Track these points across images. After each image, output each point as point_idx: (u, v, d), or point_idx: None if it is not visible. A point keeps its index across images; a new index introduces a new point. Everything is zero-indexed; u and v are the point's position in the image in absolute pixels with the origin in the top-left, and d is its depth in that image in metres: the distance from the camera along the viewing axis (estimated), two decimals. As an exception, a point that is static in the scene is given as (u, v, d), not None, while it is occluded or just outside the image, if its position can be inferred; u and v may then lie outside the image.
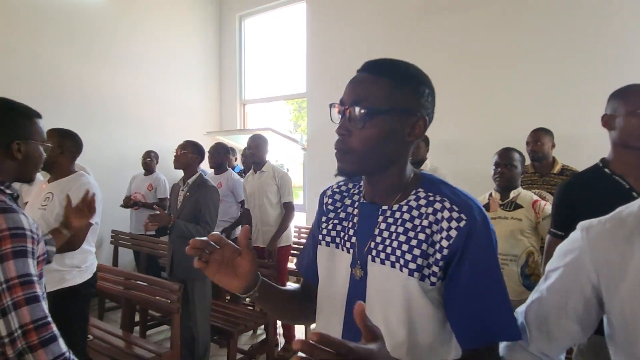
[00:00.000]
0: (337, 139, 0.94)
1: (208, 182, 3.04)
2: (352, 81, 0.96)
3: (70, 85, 4.78)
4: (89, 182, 2.32)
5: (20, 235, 1.13)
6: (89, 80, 4.97)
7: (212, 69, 6.31)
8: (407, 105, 0.92)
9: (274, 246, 3.46)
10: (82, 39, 4.93)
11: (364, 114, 0.90)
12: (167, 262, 3.07)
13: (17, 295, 1.09)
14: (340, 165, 0.94)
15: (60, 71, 4.71)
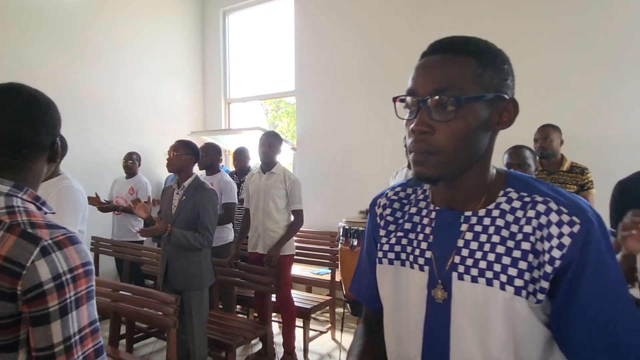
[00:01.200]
0: (413, 140, 0.77)
1: (205, 185, 2.84)
2: (424, 66, 0.79)
3: (43, 83, 4.33)
4: (71, 186, 2.09)
5: (91, 272, 0.91)
6: (64, 77, 4.65)
7: (195, 67, 6.05)
8: (496, 88, 0.77)
9: (276, 252, 3.24)
10: (56, 34, 4.61)
11: (452, 103, 0.74)
12: (160, 271, 2.85)
13: (88, 348, 0.87)
14: (422, 170, 0.77)
15: (32, 67, 4.38)
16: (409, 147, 0.79)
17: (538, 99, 3.73)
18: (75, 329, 0.85)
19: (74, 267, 0.85)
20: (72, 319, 0.84)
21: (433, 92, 0.75)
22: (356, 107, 4.83)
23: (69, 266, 0.84)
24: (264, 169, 3.42)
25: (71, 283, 0.84)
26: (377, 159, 4.71)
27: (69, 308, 0.83)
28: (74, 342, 0.84)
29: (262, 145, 3.36)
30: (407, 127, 0.80)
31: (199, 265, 2.78)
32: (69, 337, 0.82)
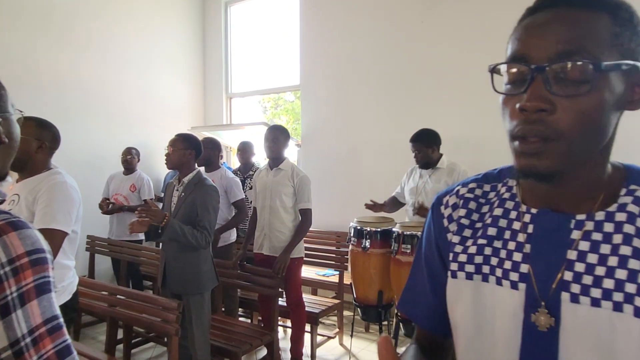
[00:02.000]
0: (523, 121, 0.58)
1: (206, 181, 2.65)
2: (540, 24, 0.59)
3: (44, 76, 4.26)
4: (64, 182, 1.90)
5: (41, 261, 0.76)
6: (65, 71, 4.44)
7: (196, 60, 5.85)
8: (632, 54, 0.58)
9: (285, 258, 3.04)
10: (58, 27, 4.40)
11: (587, 72, 0.55)
12: (159, 273, 2.66)
13: (47, 351, 0.72)
14: (534, 164, 0.58)
15: (33, 61, 4.18)
16: (514, 132, 0.59)
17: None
18: (24, 330, 0.70)
19: (15, 257, 0.71)
20: (18, 319, 0.70)
21: (557, 57, 0.56)
22: (364, 103, 4.65)
23: (8, 256, 0.70)
24: (271, 165, 3.23)
25: (11, 277, 0.70)
26: (386, 157, 4.52)
27: (11, 306, 0.69)
28: (25, 345, 0.69)
29: (267, 140, 3.16)
30: (506, 106, 0.61)
31: (198, 267, 2.58)
32: (16, 341, 0.68)
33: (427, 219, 0.81)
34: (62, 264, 1.90)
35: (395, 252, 2.80)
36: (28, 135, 1.88)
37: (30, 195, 1.82)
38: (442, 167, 3.24)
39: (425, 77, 4.30)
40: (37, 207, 1.79)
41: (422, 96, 4.31)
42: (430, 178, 3.24)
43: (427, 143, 3.20)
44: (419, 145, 3.20)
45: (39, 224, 1.76)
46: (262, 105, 12.10)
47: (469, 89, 4.04)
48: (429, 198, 3.20)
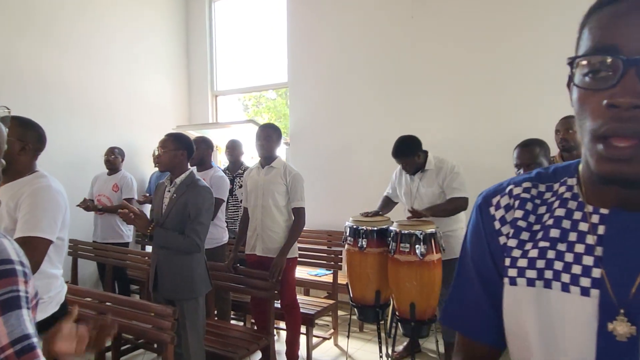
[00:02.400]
0: (611, 118, 0.52)
1: (199, 182, 2.55)
2: (631, 13, 0.53)
3: (24, 75, 4.07)
4: (49, 186, 1.78)
5: (8, 273, 0.67)
6: (46, 70, 4.25)
7: (180, 57, 5.69)
8: None
9: (281, 261, 2.95)
10: (39, 24, 4.21)
11: None
12: (150, 277, 2.55)
13: None
14: (623, 170, 0.53)
15: (14, 60, 3.99)
16: (600, 132, 0.53)
17: (552, 90, 3.54)
18: None
19: None
20: None
21: None
22: (355, 99, 4.59)
23: None
24: (263, 164, 3.15)
25: None
26: (378, 154, 4.46)
27: None
28: None
29: (260, 138, 3.08)
30: (586, 103, 0.55)
31: (191, 271, 2.49)
32: None
33: (472, 222, 0.74)
34: (48, 273, 1.79)
35: (394, 252, 2.75)
36: (10, 136, 1.75)
37: (12, 200, 1.70)
38: (430, 167, 3.16)
39: (418, 72, 4.26)
40: (20, 214, 1.68)
41: (415, 92, 4.27)
42: (421, 182, 3.18)
43: (410, 153, 3.07)
44: (403, 159, 3.09)
45: (21, 232, 1.64)
46: (244, 103, 11.93)
47: (463, 85, 4.02)
48: (424, 202, 3.14)
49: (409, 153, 3.06)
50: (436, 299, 2.77)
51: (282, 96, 15.91)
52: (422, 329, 2.79)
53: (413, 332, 2.77)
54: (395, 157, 3.10)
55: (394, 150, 3.10)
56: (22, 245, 1.53)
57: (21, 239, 1.63)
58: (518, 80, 3.80)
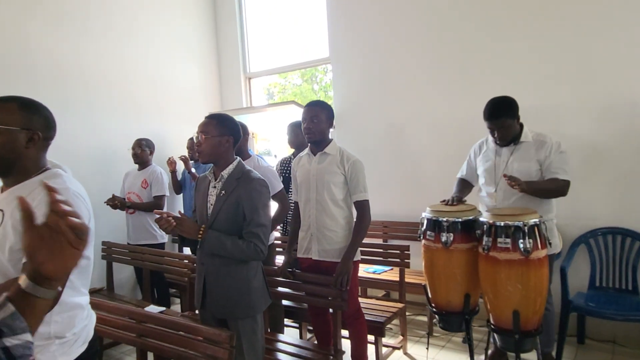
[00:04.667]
0: None
1: (252, 173, 2.07)
2: None
3: (42, 62, 3.65)
4: (65, 188, 1.32)
5: None
6: (67, 57, 3.84)
7: (208, 39, 5.23)
8: None
9: (348, 267, 2.46)
10: (58, 8, 3.79)
11: None
12: (197, 292, 2.11)
13: None
14: None
15: (29, 49, 3.58)
16: None
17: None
18: None
19: None
20: None
21: None
22: (408, 73, 4.03)
23: None
24: (314, 150, 2.65)
25: None
26: (435, 134, 3.92)
27: None
28: None
29: (306, 120, 2.56)
30: None
31: (248, 283, 2.03)
32: None
33: None
34: (71, 304, 1.35)
35: (488, 248, 2.23)
36: (11, 125, 1.31)
37: (19, 210, 1.26)
38: (527, 140, 2.62)
39: (479, 40, 3.66)
40: None
41: (477, 62, 3.68)
42: (514, 156, 2.63)
43: (512, 113, 2.56)
44: (503, 119, 2.56)
45: None
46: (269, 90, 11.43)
47: (543, 49, 3.41)
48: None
49: (510, 113, 2.56)
50: (543, 304, 2.24)
51: (307, 81, 15.37)
52: (526, 342, 2.27)
53: (517, 347, 2.25)
54: (492, 118, 2.58)
55: (491, 110, 2.58)
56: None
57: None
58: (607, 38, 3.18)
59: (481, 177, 2.82)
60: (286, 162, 3.79)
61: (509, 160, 2.65)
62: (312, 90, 14.64)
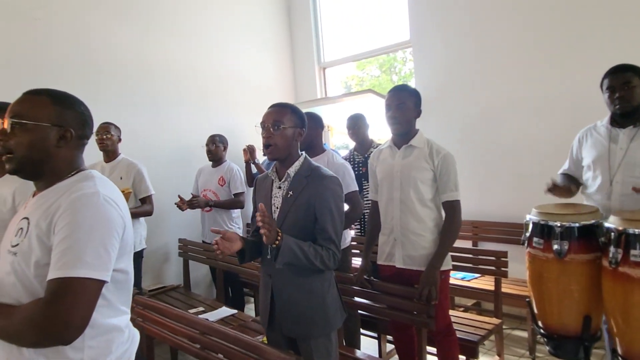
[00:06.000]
0: None
1: (322, 170, 1.79)
2: None
3: (109, 56, 3.67)
4: (95, 193, 1.10)
5: None
6: (134, 50, 3.84)
7: (281, 29, 5.05)
8: None
9: (435, 277, 2.11)
10: (122, 0, 3.80)
11: None
12: (263, 308, 1.87)
13: None
14: None
15: (96, 38, 3.61)
16: None
17: None
18: None
19: None
20: None
21: None
22: (502, 51, 3.53)
23: None
24: (397, 142, 2.31)
25: None
26: (535, 120, 3.39)
27: None
28: None
29: (391, 107, 2.23)
30: None
31: (322, 297, 1.77)
32: None
33: None
34: (107, 326, 1.15)
35: (616, 262, 1.77)
36: (41, 120, 1.14)
37: (45, 219, 1.08)
38: None
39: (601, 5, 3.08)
40: (55, 241, 1.05)
41: (597, 34, 3.10)
42: (636, 142, 2.10)
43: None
44: (630, 75, 2.06)
45: (55, 272, 1.02)
46: (346, 83, 11.12)
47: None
48: (635, 173, 2.09)
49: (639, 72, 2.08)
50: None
51: (386, 72, 14.79)
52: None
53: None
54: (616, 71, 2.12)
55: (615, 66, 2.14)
56: (55, 293, 0.99)
57: (55, 283, 1.01)
58: None
59: (588, 170, 2.30)
60: (350, 160, 3.48)
61: (629, 147, 2.12)
62: (391, 81, 14.12)
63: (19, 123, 1.13)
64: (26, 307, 1.04)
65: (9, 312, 1.05)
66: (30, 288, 1.08)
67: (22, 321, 1.01)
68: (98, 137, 3.22)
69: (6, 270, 1.12)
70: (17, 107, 1.15)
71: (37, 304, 1.02)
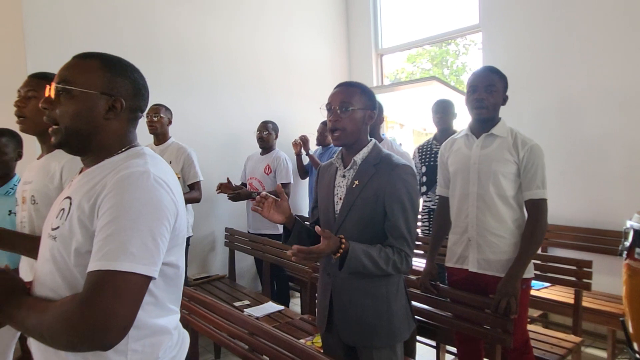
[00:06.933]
0: None
1: (394, 158, 1.57)
2: None
3: (170, 38, 3.57)
4: (145, 172, 0.93)
5: None
6: (193, 33, 3.72)
7: (338, 13, 4.82)
8: None
9: (515, 287, 1.84)
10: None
11: None
12: (321, 311, 1.67)
13: None
14: None
15: (155, 23, 3.53)
16: None
17: None
18: None
19: None
20: None
21: None
22: (588, 40, 3.15)
23: None
24: (476, 130, 2.04)
25: None
26: (624, 117, 3.00)
27: None
28: None
29: (478, 89, 1.95)
30: None
31: (388, 304, 1.54)
32: None
33: None
34: (154, 327, 0.99)
35: None
36: (89, 87, 0.99)
37: (88, 199, 0.92)
38: None
39: None
40: (98, 225, 0.89)
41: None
42: None
43: None
44: None
45: (95, 263, 0.86)
46: (396, 77, 10.76)
47: None
48: None
49: None
50: None
51: (437, 65, 14.18)
52: None
53: None
54: None
55: None
56: (94, 289, 0.84)
57: (95, 276, 0.85)
58: None
59: None
60: (426, 149, 3.22)
61: None
62: (443, 75, 13.60)
63: (64, 89, 0.98)
64: (61, 304, 0.88)
65: (44, 307, 0.89)
66: (69, 279, 0.93)
67: (55, 320, 0.85)
68: (148, 118, 3.13)
69: (45, 257, 0.98)
70: (64, 71, 1.01)
71: (73, 300, 0.86)
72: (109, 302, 0.83)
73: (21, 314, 0.91)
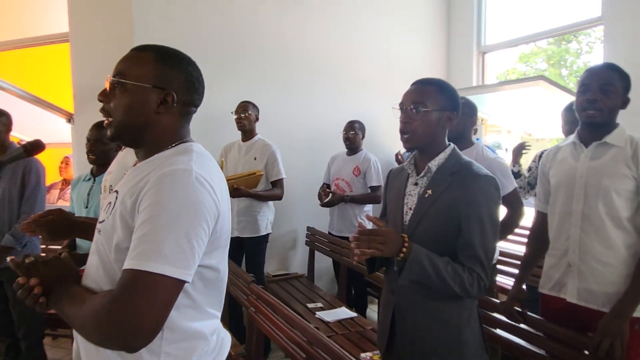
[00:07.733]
0: None
1: (474, 167, 1.37)
2: None
3: (259, 40, 3.65)
4: (187, 170, 0.89)
5: None
6: (284, 32, 3.76)
7: (439, 9, 4.55)
8: None
9: (623, 327, 1.53)
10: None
11: None
12: (382, 330, 1.51)
13: None
14: None
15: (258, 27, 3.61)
16: None
17: None
18: None
19: None
20: None
21: None
22: None
23: None
24: (585, 138, 1.73)
25: None
26: None
27: None
28: None
29: (591, 88, 1.65)
30: None
31: (458, 331, 1.35)
32: None
33: None
34: (189, 330, 0.94)
35: None
36: (142, 80, 0.97)
37: (131, 195, 0.90)
38: None
39: None
40: (137, 222, 0.86)
41: None
42: None
43: None
44: None
45: (129, 262, 0.83)
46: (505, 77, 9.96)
47: None
48: None
49: None
50: None
51: (554, 66, 12.99)
52: None
53: None
54: None
55: None
56: (125, 289, 0.82)
57: (127, 275, 0.83)
58: None
59: None
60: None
61: None
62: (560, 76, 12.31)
63: (119, 82, 0.98)
64: (95, 299, 0.88)
65: (83, 299, 0.90)
66: (111, 273, 0.92)
67: (88, 314, 0.85)
68: (236, 115, 3.19)
69: (92, 249, 0.99)
70: (121, 64, 1.01)
71: (104, 297, 0.85)
72: (137, 302, 0.80)
73: (64, 302, 0.92)
